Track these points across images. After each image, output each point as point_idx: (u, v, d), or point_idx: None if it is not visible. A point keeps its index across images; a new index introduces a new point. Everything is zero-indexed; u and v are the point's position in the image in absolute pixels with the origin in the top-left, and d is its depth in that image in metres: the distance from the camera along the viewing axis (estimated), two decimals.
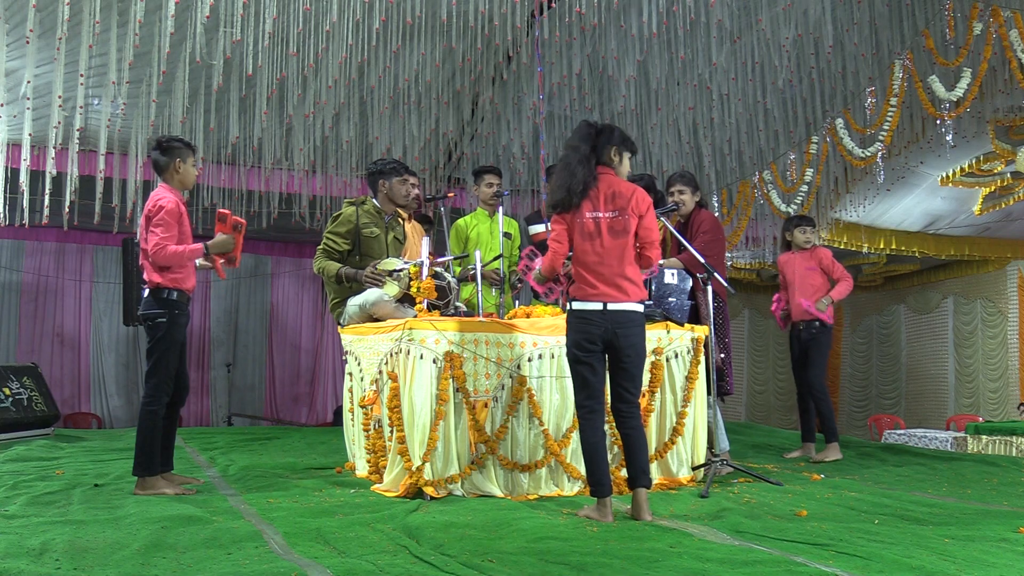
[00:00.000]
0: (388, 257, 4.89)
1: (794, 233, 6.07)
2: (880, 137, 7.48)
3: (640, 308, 3.66)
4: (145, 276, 4.16)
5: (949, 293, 13.02)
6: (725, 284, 4.74)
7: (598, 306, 3.58)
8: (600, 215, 3.61)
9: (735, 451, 5.77)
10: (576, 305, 3.63)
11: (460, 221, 6.01)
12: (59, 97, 6.13)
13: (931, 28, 6.99)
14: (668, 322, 4.66)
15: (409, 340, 4.07)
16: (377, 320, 4.63)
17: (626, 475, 3.70)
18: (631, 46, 7.47)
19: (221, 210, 4.28)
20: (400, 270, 4.65)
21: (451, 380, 4.06)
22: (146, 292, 4.16)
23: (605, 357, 3.68)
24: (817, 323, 5.85)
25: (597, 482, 3.59)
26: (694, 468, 4.69)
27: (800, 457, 5.92)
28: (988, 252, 11.68)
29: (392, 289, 4.63)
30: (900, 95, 7.22)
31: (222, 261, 4.28)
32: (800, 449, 6.05)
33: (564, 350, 4.29)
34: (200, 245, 4.15)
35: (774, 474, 4.95)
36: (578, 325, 3.62)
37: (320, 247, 4.93)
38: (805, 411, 6.07)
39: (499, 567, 2.69)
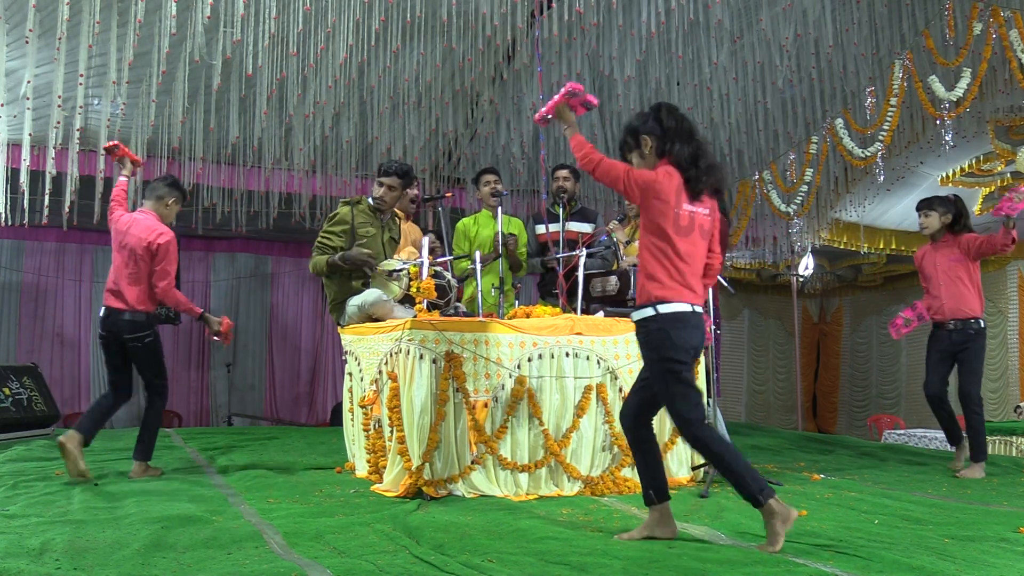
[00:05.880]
0: (385, 259, 4.89)
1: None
2: (880, 137, 7.47)
3: None
4: (130, 299, 4.50)
5: None
6: (725, 284, 4.73)
7: (691, 308, 3.14)
8: (695, 210, 3.18)
9: None
10: (670, 308, 3.11)
11: (462, 222, 5.98)
12: (59, 97, 6.12)
13: (931, 28, 6.98)
14: None
15: (409, 340, 4.07)
16: (377, 320, 4.63)
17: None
18: (631, 46, 7.47)
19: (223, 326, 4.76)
20: (400, 270, 4.65)
21: (451, 380, 4.06)
22: (127, 315, 4.50)
23: None
24: (975, 322, 5.17)
25: (760, 489, 2.99)
26: (694, 468, 4.69)
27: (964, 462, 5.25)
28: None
29: (393, 290, 4.63)
30: (900, 95, 7.21)
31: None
32: (958, 454, 5.38)
33: (563, 350, 4.30)
34: (199, 309, 4.73)
35: (774, 474, 4.95)
36: (680, 330, 3.10)
37: (315, 245, 4.93)
38: (947, 414, 5.33)
39: (499, 567, 2.69)
